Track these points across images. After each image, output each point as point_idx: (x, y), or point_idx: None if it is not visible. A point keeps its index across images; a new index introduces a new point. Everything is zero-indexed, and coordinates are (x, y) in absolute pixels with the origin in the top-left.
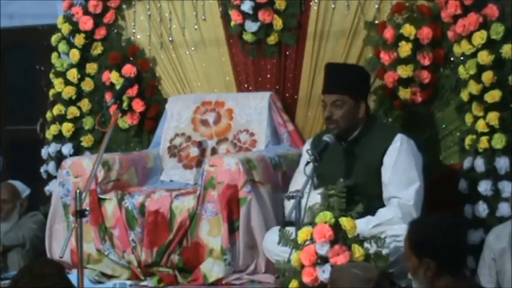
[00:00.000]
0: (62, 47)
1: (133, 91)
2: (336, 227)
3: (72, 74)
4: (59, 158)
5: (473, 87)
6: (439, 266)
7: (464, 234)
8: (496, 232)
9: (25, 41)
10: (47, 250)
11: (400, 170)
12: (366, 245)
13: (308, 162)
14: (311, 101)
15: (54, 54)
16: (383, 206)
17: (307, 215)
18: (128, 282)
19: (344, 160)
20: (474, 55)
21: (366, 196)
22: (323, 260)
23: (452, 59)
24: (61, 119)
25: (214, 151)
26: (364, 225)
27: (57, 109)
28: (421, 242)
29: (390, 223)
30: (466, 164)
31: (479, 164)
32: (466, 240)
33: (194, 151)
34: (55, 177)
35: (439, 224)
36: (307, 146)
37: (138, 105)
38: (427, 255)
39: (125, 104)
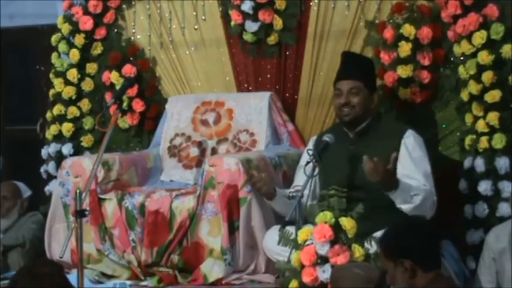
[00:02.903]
0: (62, 47)
1: (133, 91)
2: (336, 227)
3: (72, 74)
4: (59, 158)
5: (473, 87)
6: (414, 264)
7: (434, 231)
8: (496, 232)
9: (25, 41)
10: (46, 250)
11: (418, 163)
12: (366, 245)
13: (308, 162)
14: (311, 101)
15: (54, 54)
16: (386, 204)
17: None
18: (128, 282)
19: (349, 156)
20: (474, 55)
21: (370, 192)
22: (323, 260)
23: (452, 59)
24: (61, 119)
25: (214, 151)
26: (407, 187)
27: (57, 109)
28: (392, 245)
29: (425, 201)
30: (466, 164)
31: (479, 164)
32: (438, 237)
33: (194, 151)
34: (55, 177)
35: (408, 225)
36: (310, 144)
37: (138, 105)
38: (401, 255)
39: (125, 104)
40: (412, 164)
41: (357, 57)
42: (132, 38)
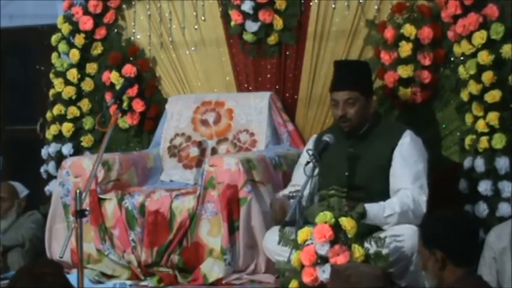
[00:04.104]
0: (62, 47)
1: (133, 91)
2: (336, 227)
3: (72, 74)
4: (59, 158)
5: (473, 87)
6: (446, 257)
7: (474, 229)
8: (497, 231)
9: (25, 41)
10: (46, 250)
11: (410, 163)
12: (366, 245)
13: (308, 162)
14: (311, 101)
15: (54, 54)
16: None
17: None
18: (128, 282)
19: (349, 156)
20: (474, 55)
21: (369, 193)
22: (323, 260)
23: (452, 59)
24: (61, 119)
25: (214, 151)
26: (379, 212)
27: (57, 109)
28: (430, 233)
29: (404, 215)
30: (466, 164)
31: (479, 164)
32: (476, 235)
33: (194, 151)
34: (55, 177)
35: (449, 217)
36: (310, 143)
37: (138, 105)
38: (436, 245)
39: (125, 104)
40: (402, 166)
41: (351, 66)
42: (132, 38)
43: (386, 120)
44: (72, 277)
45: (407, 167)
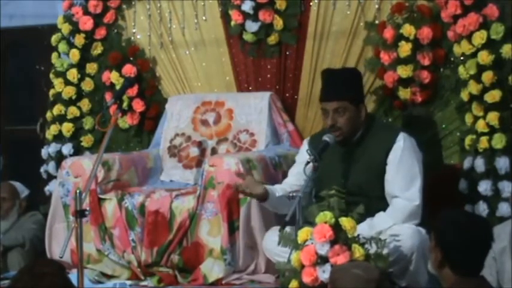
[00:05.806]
0: (62, 47)
1: (133, 91)
2: (336, 227)
3: (72, 74)
4: (59, 158)
5: (473, 87)
6: (443, 257)
7: (482, 240)
8: (496, 231)
9: (25, 41)
10: (46, 250)
11: (404, 168)
12: (366, 245)
13: (308, 162)
14: (311, 101)
15: (54, 54)
16: (383, 206)
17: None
18: (128, 282)
19: (344, 161)
20: (474, 55)
21: (366, 197)
22: (323, 260)
23: (452, 59)
24: (61, 119)
25: (214, 151)
26: (367, 231)
27: (57, 109)
28: (436, 229)
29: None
30: (466, 164)
31: (479, 164)
32: (483, 247)
33: (194, 151)
34: (55, 177)
35: (459, 217)
36: (305, 144)
37: (138, 105)
38: (438, 243)
39: (125, 104)
40: (396, 171)
41: (338, 75)
42: (132, 38)
43: (379, 122)
44: (72, 277)
45: (401, 172)
